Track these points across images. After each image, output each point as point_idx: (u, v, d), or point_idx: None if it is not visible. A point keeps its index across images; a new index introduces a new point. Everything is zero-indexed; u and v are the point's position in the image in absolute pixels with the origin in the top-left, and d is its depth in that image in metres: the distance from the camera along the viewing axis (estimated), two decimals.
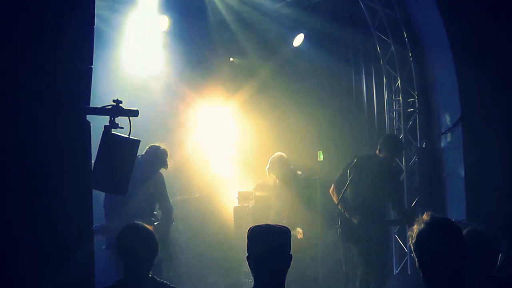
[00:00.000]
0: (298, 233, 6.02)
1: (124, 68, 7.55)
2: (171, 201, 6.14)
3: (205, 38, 8.41)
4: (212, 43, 8.47)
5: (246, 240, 2.88)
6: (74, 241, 2.83)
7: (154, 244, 3.30)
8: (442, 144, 7.19)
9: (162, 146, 5.68)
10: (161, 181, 5.80)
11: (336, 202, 5.67)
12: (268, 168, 6.51)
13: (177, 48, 8.05)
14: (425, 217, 2.52)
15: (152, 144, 5.65)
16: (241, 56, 8.80)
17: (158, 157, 5.59)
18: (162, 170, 5.83)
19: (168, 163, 5.71)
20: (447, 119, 7.11)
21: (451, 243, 2.47)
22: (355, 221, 5.60)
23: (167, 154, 5.68)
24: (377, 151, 5.85)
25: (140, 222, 3.43)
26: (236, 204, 7.82)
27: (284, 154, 6.48)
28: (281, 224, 2.99)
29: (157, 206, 5.85)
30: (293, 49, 8.40)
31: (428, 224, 2.49)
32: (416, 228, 2.51)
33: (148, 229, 3.36)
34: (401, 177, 7.28)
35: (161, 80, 7.99)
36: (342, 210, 5.52)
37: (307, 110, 8.39)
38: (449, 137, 7.06)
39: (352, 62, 8.37)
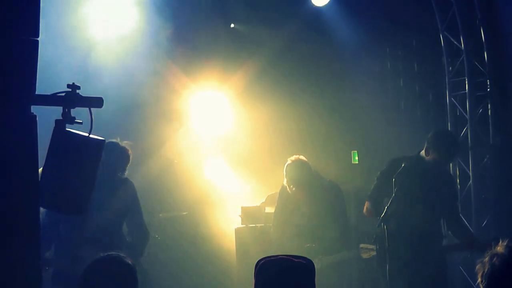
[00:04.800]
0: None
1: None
2: (148, 220, 6.06)
3: None
4: (207, 2, 8.48)
5: (252, 277, 2.89)
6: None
7: None
8: None
9: (121, 143, 5.61)
10: (128, 193, 5.64)
11: (375, 223, 5.70)
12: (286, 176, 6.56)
13: (156, 10, 8.04)
14: (500, 249, 2.49)
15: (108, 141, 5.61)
16: (245, 21, 8.79)
17: (114, 155, 5.46)
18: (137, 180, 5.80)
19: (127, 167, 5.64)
20: None
21: None
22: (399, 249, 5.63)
23: (128, 154, 5.59)
24: (423, 152, 5.88)
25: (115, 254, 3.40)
26: (239, 225, 7.83)
27: (304, 158, 6.54)
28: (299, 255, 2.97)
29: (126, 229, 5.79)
30: (314, 10, 8.38)
31: (506, 259, 2.46)
32: (487, 264, 2.48)
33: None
34: (467, 185, 7.27)
35: (135, 54, 7.99)
36: (385, 236, 5.54)
37: (334, 96, 8.36)
38: None
39: (398, 28, 8.33)
